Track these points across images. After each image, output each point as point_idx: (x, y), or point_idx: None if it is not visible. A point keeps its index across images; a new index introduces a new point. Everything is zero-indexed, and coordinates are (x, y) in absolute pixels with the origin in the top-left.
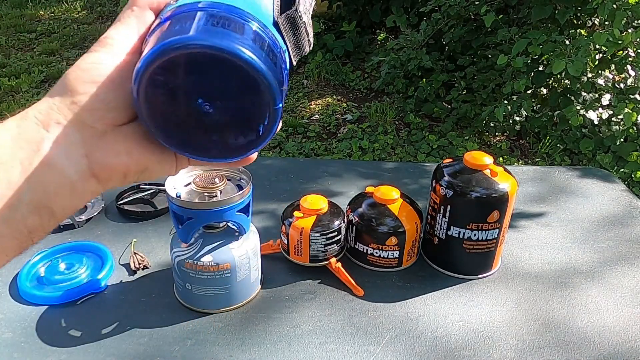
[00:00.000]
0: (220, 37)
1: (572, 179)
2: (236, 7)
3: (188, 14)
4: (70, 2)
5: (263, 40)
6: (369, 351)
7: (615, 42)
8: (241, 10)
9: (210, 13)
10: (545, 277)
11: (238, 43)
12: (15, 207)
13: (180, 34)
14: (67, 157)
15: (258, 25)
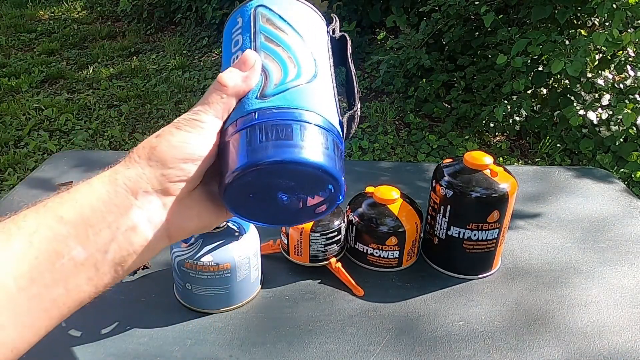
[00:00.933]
0: (285, 150)
1: (572, 179)
2: (304, 108)
3: (258, 126)
4: (70, 2)
5: (327, 137)
6: (369, 351)
7: (614, 42)
8: (308, 110)
9: (277, 124)
10: (545, 277)
11: (301, 151)
12: (100, 266)
13: (252, 155)
14: (150, 222)
15: (323, 123)
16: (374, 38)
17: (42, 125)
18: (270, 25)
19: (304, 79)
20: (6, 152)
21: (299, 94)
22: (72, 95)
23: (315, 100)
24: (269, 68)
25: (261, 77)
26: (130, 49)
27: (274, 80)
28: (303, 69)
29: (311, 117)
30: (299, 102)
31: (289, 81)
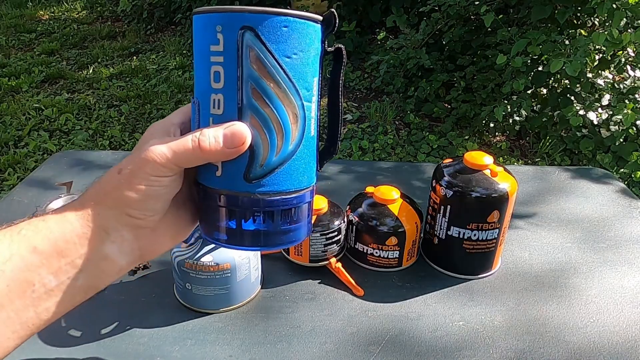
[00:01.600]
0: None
1: (572, 179)
2: (289, 190)
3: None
4: (70, 2)
5: (304, 209)
6: (369, 351)
7: (614, 42)
8: (291, 192)
9: (263, 210)
10: (545, 277)
11: (281, 238)
12: (70, 290)
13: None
14: (121, 252)
15: (304, 198)
16: (374, 38)
17: (42, 125)
18: (259, 71)
19: (291, 147)
20: (6, 152)
21: (285, 174)
22: (72, 95)
23: (298, 174)
24: (257, 141)
25: (247, 152)
26: (130, 49)
27: (261, 158)
28: (291, 135)
29: (294, 198)
30: (284, 185)
31: (275, 158)
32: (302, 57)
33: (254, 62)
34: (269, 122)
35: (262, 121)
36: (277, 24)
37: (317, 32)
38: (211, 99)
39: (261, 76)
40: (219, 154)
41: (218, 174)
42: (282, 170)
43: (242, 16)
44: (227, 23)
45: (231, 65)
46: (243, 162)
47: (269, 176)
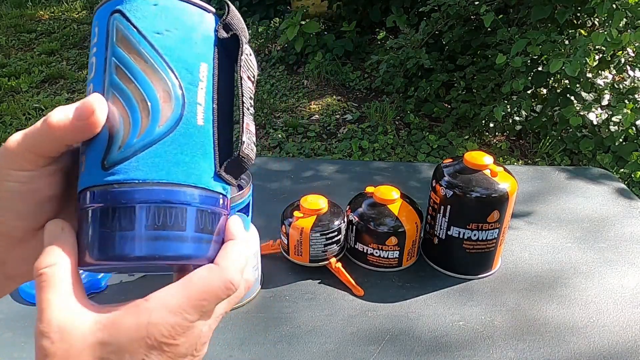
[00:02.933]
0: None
1: (572, 179)
2: (154, 181)
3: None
4: (70, 2)
5: (181, 213)
6: (369, 351)
7: (613, 43)
8: (159, 183)
9: (119, 208)
10: (545, 277)
11: (141, 244)
12: None
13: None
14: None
15: (175, 197)
16: (374, 38)
17: None
18: (125, 48)
19: (161, 128)
20: None
21: (150, 159)
22: (72, 95)
23: (171, 163)
24: (117, 121)
25: (105, 133)
26: None
27: (120, 140)
28: (161, 114)
29: (162, 192)
30: (147, 173)
31: (138, 139)
32: (178, 35)
33: (119, 40)
34: (130, 97)
35: (123, 97)
36: (146, 2)
37: (200, 15)
38: (87, 91)
39: (125, 52)
40: (68, 129)
41: (82, 169)
42: (146, 154)
43: (111, 3)
44: (101, 14)
45: (101, 50)
46: (101, 146)
47: (127, 161)
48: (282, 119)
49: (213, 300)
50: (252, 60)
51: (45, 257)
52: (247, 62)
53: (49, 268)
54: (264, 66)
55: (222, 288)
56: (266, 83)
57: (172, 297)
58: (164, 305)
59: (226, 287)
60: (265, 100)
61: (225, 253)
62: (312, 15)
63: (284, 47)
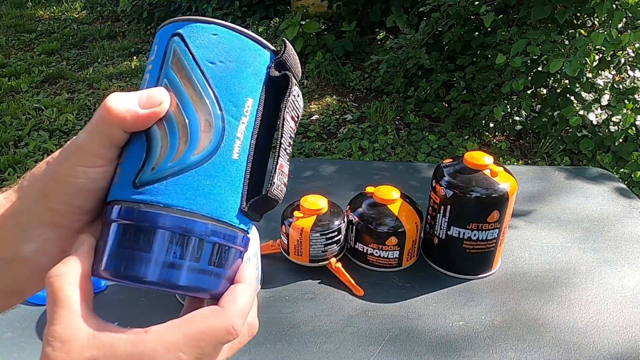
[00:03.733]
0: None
1: (572, 179)
2: (181, 208)
3: (122, 227)
4: (70, 2)
5: (201, 246)
6: (369, 351)
7: (613, 43)
8: (184, 211)
9: (139, 229)
10: (545, 277)
11: (158, 269)
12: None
13: (108, 263)
14: (42, 253)
15: (199, 228)
16: (374, 38)
17: (42, 125)
18: (178, 72)
19: (196, 156)
20: (6, 152)
21: (179, 185)
22: (72, 95)
23: (199, 193)
24: (155, 139)
25: (143, 147)
26: (130, 49)
27: (155, 161)
28: (199, 142)
29: (184, 221)
30: (174, 199)
31: (172, 163)
32: (230, 67)
33: (173, 63)
34: (173, 121)
35: (166, 119)
36: (206, 30)
37: (257, 50)
38: None
39: (177, 76)
40: (132, 115)
41: (115, 180)
42: (176, 180)
43: (174, 25)
44: (162, 34)
45: (155, 68)
46: (137, 163)
47: (157, 183)
48: None
49: (211, 342)
50: (300, 101)
51: (59, 266)
52: (294, 103)
53: (58, 277)
54: None
55: (222, 332)
56: None
57: (170, 333)
58: (160, 339)
59: (227, 332)
60: None
61: (233, 296)
62: (312, 15)
63: None
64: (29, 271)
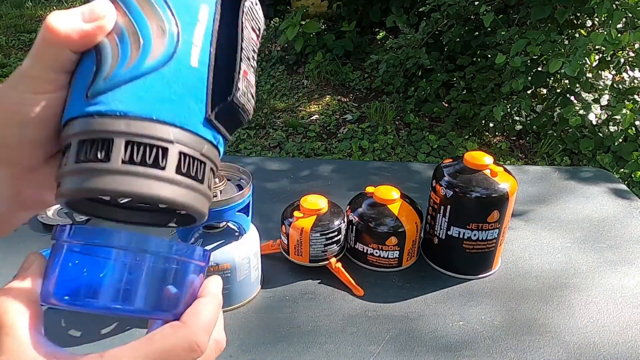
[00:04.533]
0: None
1: (572, 179)
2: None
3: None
4: (70, 2)
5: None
6: (369, 351)
7: (612, 43)
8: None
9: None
10: (545, 277)
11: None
12: None
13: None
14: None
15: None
16: (374, 38)
17: None
18: None
19: (150, 62)
20: None
21: (134, 92)
22: None
23: (158, 99)
24: (105, 50)
25: (94, 60)
26: None
27: (107, 70)
28: (152, 48)
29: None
30: (130, 105)
31: (125, 70)
32: None
33: None
34: (122, 29)
35: (115, 29)
36: None
37: None
38: None
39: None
40: (78, 33)
41: (68, 100)
42: (131, 86)
43: None
44: None
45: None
46: (88, 77)
47: (111, 92)
48: (282, 118)
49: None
50: (259, 12)
51: (4, 289)
52: (251, 11)
53: (3, 303)
54: (264, 66)
55: (185, 349)
56: (266, 83)
57: (129, 354)
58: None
59: (190, 349)
60: (265, 100)
61: (195, 311)
62: (312, 15)
63: (284, 47)
64: None
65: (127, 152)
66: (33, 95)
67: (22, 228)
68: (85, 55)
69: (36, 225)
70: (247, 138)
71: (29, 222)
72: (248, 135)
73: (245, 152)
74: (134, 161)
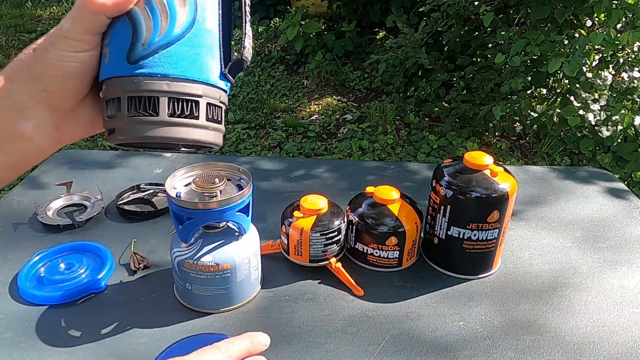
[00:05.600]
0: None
1: (572, 179)
2: (175, 76)
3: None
4: (70, 2)
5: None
6: (369, 351)
7: (611, 42)
8: (178, 78)
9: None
10: (545, 277)
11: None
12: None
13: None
14: (38, 131)
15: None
16: (374, 38)
17: None
18: None
19: (178, 30)
20: None
21: (169, 57)
22: None
23: (187, 61)
24: (138, 19)
25: (128, 27)
26: None
27: (143, 38)
28: (178, 16)
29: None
30: (168, 69)
31: (159, 38)
32: None
33: None
34: (152, 2)
35: (145, 2)
36: None
37: None
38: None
39: None
40: (113, 1)
41: (106, 60)
42: (168, 52)
43: None
44: None
45: None
46: (125, 42)
47: (150, 57)
48: (282, 119)
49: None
50: None
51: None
52: None
53: None
54: (264, 66)
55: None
56: (266, 83)
57: None
58: None
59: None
60: (265, 100)
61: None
62: (312, 15)
63: (284, 47)
64: (27, 148)
65: (169, 107)
66: (73, 53)
67: (22, 228)
68: (118, 20)
69: (36, 225)
70: (247, 138)
71: (29, 222)
72: (248, 135)
73: (245, 152)
74: (176, 113)
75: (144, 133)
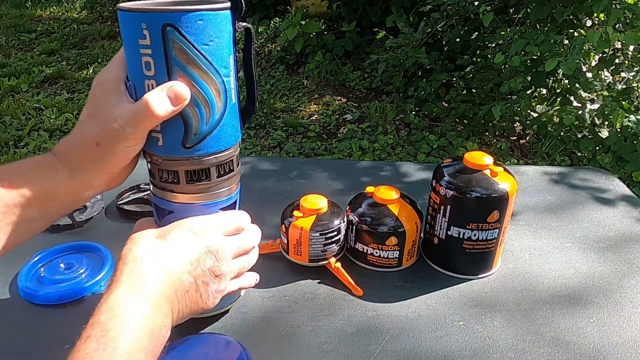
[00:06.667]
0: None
1: (572, 179)
2: (218, 151)
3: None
4: (70, 2)
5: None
6: (369, 351)
7: (604, 41)
8: (220, 151)
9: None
10: (545, 277)
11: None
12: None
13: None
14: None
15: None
16: (374, 38)
17: (42, 125)
18: (183, 58)
19: (218, 116)
20: (6, 152)
21: (215, 139)
22: (72, 95)
23: (227, 135)
24: (188, 115)
25: (181, 123)
26: None
27: (194, 128)
28: (217, 106)
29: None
30: (216, 147)
31: (206, 126)
32: (218, 42)
33: (178, 52)
34: (197, 99)
35: (191, 99)
36: (194, 18)
37: (227, 17)
38: (145, 83)
39: (185, 63)
40: (169, 113)
41: (160, 143)
42: (213, 135)
43: (163, 15)
44: (151, 21)
45: (159, 56)
46: (179, 133)
47: (202, 142)
48: (282, 118)
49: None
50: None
51: None
52: (254, 52)
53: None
54: (264, 66)
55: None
56: (266, 83)
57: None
58: None
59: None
60: (265, 100)
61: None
62: (312, 15)
63: (284, 47)
64: (71, 202)
65: (217, 172)
66: (131, 147)
67: None
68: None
69: None
70: (247, 138)
71: None
72: (248, 135)
73: (245, 152)
74: (221, 175)
75: (202, 193)
